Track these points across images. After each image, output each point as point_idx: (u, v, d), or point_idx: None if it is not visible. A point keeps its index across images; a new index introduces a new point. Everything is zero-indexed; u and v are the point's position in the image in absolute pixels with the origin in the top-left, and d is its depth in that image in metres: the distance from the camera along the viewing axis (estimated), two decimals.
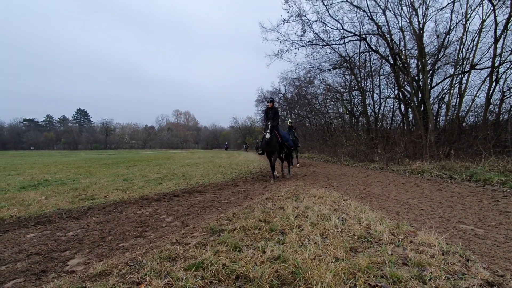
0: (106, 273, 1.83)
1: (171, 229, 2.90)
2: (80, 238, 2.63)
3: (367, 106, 15.28)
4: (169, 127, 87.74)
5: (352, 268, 1.75)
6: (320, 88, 19.99)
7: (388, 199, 4.43)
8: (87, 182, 5.99)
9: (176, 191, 5.10)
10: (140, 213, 3.61)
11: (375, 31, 12.28)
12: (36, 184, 5.84)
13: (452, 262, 1.90)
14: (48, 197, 4.36)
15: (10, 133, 70.86)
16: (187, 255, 2.04)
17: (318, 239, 2.29)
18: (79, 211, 3.62)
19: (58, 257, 2.22)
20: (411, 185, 5.92)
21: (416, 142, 10.74)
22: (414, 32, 10.81)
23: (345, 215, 3.08)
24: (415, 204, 4.02)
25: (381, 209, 3.63)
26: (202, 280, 1.68)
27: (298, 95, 23.90)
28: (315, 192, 4.52)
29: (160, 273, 1.77)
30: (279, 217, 2.99)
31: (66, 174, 7.87)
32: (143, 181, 6.27)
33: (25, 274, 1.94)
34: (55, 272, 1.96)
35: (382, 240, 2.29)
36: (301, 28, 12.59)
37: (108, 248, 2.39)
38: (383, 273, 1.71)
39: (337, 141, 16.06)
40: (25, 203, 3.90)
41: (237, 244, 2.21)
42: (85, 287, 1.66)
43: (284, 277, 1.71)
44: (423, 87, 10.76)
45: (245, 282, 1.69)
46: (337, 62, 15.07)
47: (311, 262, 1.83)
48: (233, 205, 4.01)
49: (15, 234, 2.82)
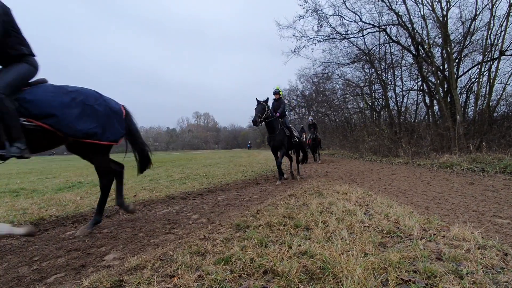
0: (141, 267, 1.91)
1: (198, 226, 2.99)
2: (114, 235, 2.78)
3: (389, 100, 14.75)
4: (189, 128, 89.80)
5: (382, 263, 1.72)
6: (339, 83, 19.58)
7: (416, 194, 4.27)
8: None
9: (200, 190, 5.23)
10: (168, 211, 3.75)
11: (395, 21, 11.83)
12: (71, 186, 6.23)
13: (489, 256, 1.81)
14: (83, 198, 4.64)
15: None
16: (215, 250, 2.10)
17: (345, 234, 2.27)
18: (111, 210, 3.82)
19: (95, 252, 2.36)
20: (440, 179, 5.66)
21: (443, 135, 10.23)
22: (437, 19, 10.28)
23: (371, 211, 3.01)
24: (445, 199, 3.85)
25: (409, 204, 3.51)
26: (232, 274, 1.72)
27: (316, 92, 23.52)
28: (338, 188, 4.45)
29: (191, 267, 1.83)
30: (303, 213, 2.99)
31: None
32: (168, 181, 6.49)
33: (66, 269, 2.06)
34: (93, 267, 2.08)
35: (412, 235, 2.22)
36: (318, 23, 12.43)
37: (140, 244, 2.51)
38: (416, 268, 1.67)
39: (358, 136, 15.65)
40: (62, 204, 4.17)
41: (263, 239, 2.24)
42: (122, 280, 1.75)
43: (313, 272, 1.71)
44: (449, 76, 10.22)
45: (273, 276, 1.72)
46: (355, 55, 14.68)
47: (339, 257, 1.82)
48: (256, 202, 4.05)
49: (55, 232, 3.02)
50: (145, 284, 1.64)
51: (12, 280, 1.89)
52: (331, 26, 12.66)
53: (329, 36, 12.96)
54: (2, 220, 3.32)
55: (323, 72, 17.29)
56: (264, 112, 5.60)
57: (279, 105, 6.38)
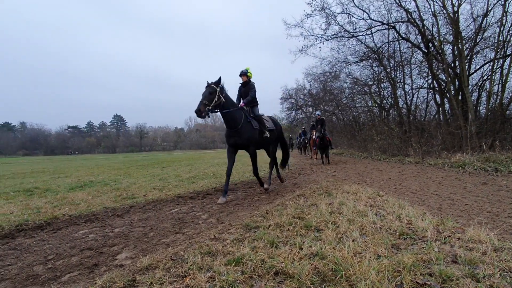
0: (152, 266, 1.93)
1: (208, 225, 3.00)
2: (126, 234, 2.81)
3: (398, 98, 14.50)
4: (197, 128, 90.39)
5: (396, 266, 1.69)
6: (347, 82, 19.33)
7: (428, 194, 4.19)
8: (127, 183, 6.38)
9: (208, 190, 5.26)
10: (177, 210, 3.78)
11: (404, 18, 11.62)
12: (82, 185, 6.35)
13: (506, 259, 1.77)
14: (94, 197, 4.72)
15: (57, 139, 78.37)
16: (226, 251, 2.10)
17: (357, 235, 2.24)
18: (122, 209, 3.87)
19: (108, 251, 2.40)
20: (452, 179, 5.54)
21: (455, 134, 10.01)
22: (448, 16, 10.06)
23: (382, 211, 2.97)
24: (458, 199, 3.77)
25: (421, 205, 3.45)
26: (243, 275, 1.72)
27: (324, 91, 23.32)
28: (348, 188, 4.40)
29: (203, 267, 1.84)
30: (313, 214, 2.97)
31: (108, 175, 8.45)
32: (177, 180, 6.54)
33: (79, 268, 2.10)
34: (106, 266, 2.11)
35: (426, 237, 2.18)
36: (325, 21, 12.30)
37: (151, 243, 2.54)
38: (431, 271, 1.64)
39: (367, 135, 15.45)
40: (75, 203, 4.25)
41: (273, 240, 2.23)
42: (135, 280, 1.76)
43: (324, 274, 1.70)
44: (461, 74, 9.98)
45: (284, 278, 1.71)
46: (364, 53, 14.48)
47: (352, 259, 1.79)
48: (265, 202, 4.05)
49: (68, 231, 3.08)
50: (158, 284, 1.66)
51: (28, 279, 1.94)
52: (339, 24, 12.52)
53: (337, 34, 12.82)
54: (18, 218, 3.40)
55: (331, 71, 17.13)
56: (213, 98, 4.05)
57: (247, 91, 4.85)
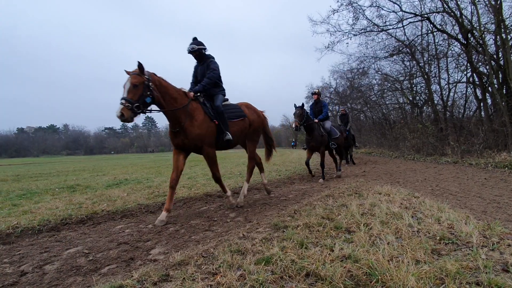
0: (184, 262, 1.98)
1: (236, 224, 3.03)
2: (159, 230, 2.93)
3: (433, 94, 13.64)
4: None
5: (438, 273, 1.58)
6: (376, 78, 18.58)
7: (470, 196, 3.88)
8: (158, 181, 6.66)
9: (235, 189, 5.31)
10: (206, 208, 3.87)
11: (439, 8, 10.90)
12: (118, 183, 6.73)
13: None
14: (129, 194, 4.98)
15: (95, 140, 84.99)
16: (255, 250, 2.10)
17: (391, 239, 2.12)
18: (154, 206, 4.04)
19: (142, 246, 2.50)
20: (496, 181, 5.09)
21: (499, 131, 9.18)
22: (489, 3, 9.24)
23: (419, 214, 2.79)
24: (505, 203, 3.45)
25: (462, 208, 3.20)
26: (273, 275, 1.70)
27: (351, 88, 22.56)
28: (379, 188, 4.21)
29: (233, 265, 1.85)
30: (343, 215, 2.87)
31: (141, 174, 8.88)
32: (205, 179, 6.70)
33: (117, 261, 2.21)
34: (141, 260, 2.21)
35: (471, 242, 2.01)
36: (353, 16, 11.92)
37: (182, 240, 2.61)
38: (478, 280, 1.50)
39: (398, 134, 14.70)
40: (112, 199, 4.52)
41: (303, 241, 2.19)
42: (168, 275, 1.82)
43: (358, 278, 1.63)
44: (505, 65, 9.13)
45: (316, 280, 1.66)
46: (394, 48, 13.81)
47: (388, 263, 1.70)
48: (292, 202, 4.00)
49: (106, 226, 3.27)
50: (190, 280, 1.69)
51: (71, 269, 2.08)
52: (368, 18, 12.05)
53: (365, 29, 12.36)
54: (62, 213, 3.68)
55: (359, 67, 16.54)
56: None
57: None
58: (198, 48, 3.63)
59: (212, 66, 3.66)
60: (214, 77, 3.64)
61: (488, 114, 10.83)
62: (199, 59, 3.76)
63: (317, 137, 6.10)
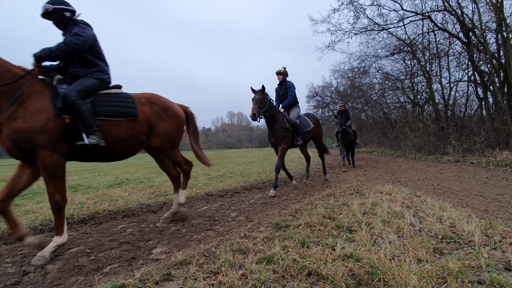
0: (186, 262, 1.98)
1: (237, 223, 3.03)
2: (160, 229, 2.93)
3: (434, 92, 13.61)
4: (224, 128, 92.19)
5: (440, 272, 1.57)
6: (377, 77, 18.53)
7: (471, 195, 3.87)
8: (160, 181, 6.66)
9: (236, 188, 5.32)
10: (207, 208, 3.87)
11: (440, 7, 10.87)
12: (119, 182, 6.74)
13: None
14: (131, 194, 4.99)
15: None
16: (257, 249, 2.10)
17: (393, 238, 2.12)
18: (156, 206, 4.05)
19: (144, 246, 2.51)
20: (498, 180, 5.08)
21: (500, 130, 9.16)
22: (491, 2, 9.21)
23: (421, 213, 2.79)
24: (507, 201, 3.45)
25: (464, 207, 3.20)
26: (275, 274, 1.70)
27: (352, 87, 22.51)
28: (381, 188, 4.20)
29: (234, 264, 1.85)
30: (344, 214, 2.87)
31: (142, 173, 8.88)
32: (206, 179, 6.70)
33: (119, 260, 2.21)
34: (143, 259, 2.21)
35: (473, 241, 2.01)
36: (354, 15, 11.90)
37: (184, 239, 2.61)
38: (481, 279, 1.50)
39: (399, 133, 14.67)
40: (113, 199, 4.52)
41: (304, 240, 2.19)
42: (170, 274, 1.82)
43: (360, 277, 1.63)
44: (506, 64, 9.11)
45: (317, 279, 1.66)
46: (395, 46, 13.78)
47: (389, 262, 1.70)
48: (294, 201, 4.00)
49: (108, 225, 3.28)
50: (192, 280, 1.69)
51: (74, 269, 2.08)
52: (368, 17, 12.03)
53: (366, 28, 12.33)
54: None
55: (360, 66, 16.49)
56: None
57: None
58: (54, 8, 2.38)
59: (75, 30, 2.40)
60: (77, 44, 2.35)
61: (489, 113, 10.80)
62: (61, 26, 2.54)
63: (278, 130, 4.78)
